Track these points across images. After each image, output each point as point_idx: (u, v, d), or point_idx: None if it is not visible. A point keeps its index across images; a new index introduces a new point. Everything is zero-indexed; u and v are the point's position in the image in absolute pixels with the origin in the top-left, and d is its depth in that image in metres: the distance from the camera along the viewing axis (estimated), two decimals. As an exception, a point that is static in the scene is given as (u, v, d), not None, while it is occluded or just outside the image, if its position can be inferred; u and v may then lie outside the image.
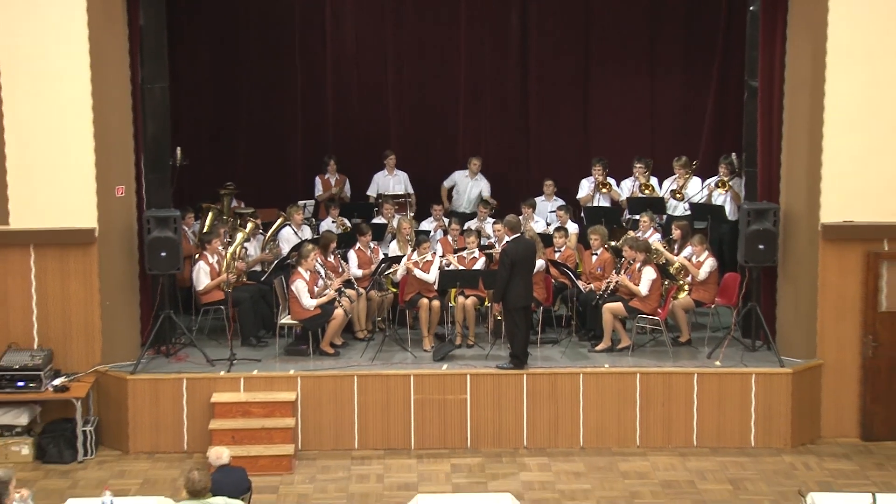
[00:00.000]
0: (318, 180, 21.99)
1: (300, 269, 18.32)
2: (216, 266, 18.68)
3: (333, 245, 19.29)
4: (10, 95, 17.17)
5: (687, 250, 18.94)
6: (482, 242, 19.54)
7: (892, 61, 17.34)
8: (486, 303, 18.61)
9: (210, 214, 20.43)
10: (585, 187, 21.31)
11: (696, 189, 20.83)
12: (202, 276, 18.62)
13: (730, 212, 20.01)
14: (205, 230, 19.92)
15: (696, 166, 21.06)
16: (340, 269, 19.08)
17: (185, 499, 13.26)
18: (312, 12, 22.54)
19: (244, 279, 19.06)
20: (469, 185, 21.85)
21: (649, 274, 18.28)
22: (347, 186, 22.07)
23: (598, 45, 22.64)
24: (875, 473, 16.70)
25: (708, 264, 18.72)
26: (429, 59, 22.90)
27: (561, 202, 21.02)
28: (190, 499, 13.25)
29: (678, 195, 20.59)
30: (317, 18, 22.66)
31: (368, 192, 21.98)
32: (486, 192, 21.77)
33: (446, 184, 21.96)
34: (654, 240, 19.32)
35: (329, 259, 19.07)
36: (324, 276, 18.56)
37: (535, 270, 18.31)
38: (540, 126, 22.92)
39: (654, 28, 22.42)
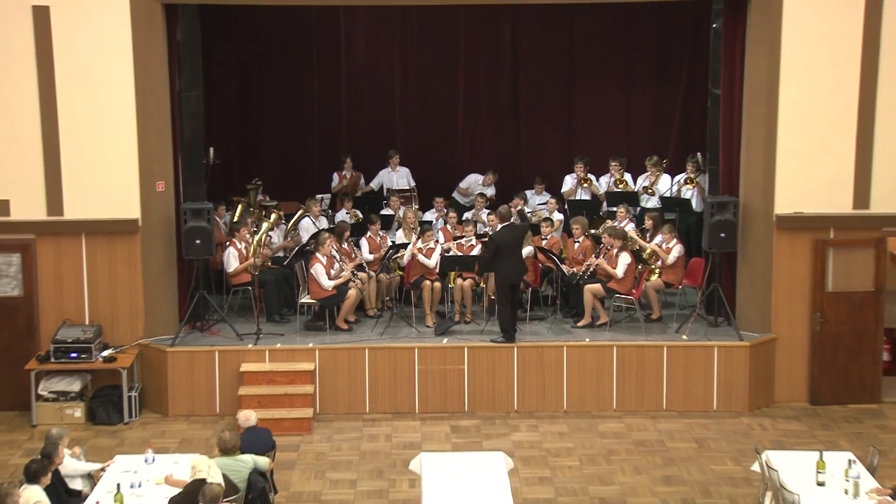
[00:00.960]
0: (335, 176, 21.92)
1: (318, 255, 18.36)
2: (244, 251, 18.69)
3: (347, 233, 19.33)
4: (65, 103, 17.21)
5: (658, 238, 18.95)
6: (478, 231, 19.65)
7: (836, 73, 17.37)
8: (481, 284, 18.67)
9: (239, 207, 20.43)
10: (569, 182, 21.28)
11: (665, 184, 20.80)
12: (232, 260, 18.64)
13: (696, 204, 19.96)
14: (234, 220, 19.98)
15: (666, 164, 21.03)
16: (353, 255, 19.12)
17: (218, 456, 13.39)
18: (328, 28, 22.49)
19: (269, 263, 19.09)
20: (471, 177, 21.98)
21: (625, 259, 18.33)
22: (362, 181, 22.06)
23: (580, 57, 22.61)
24: (822, 433, 16.79)
25: (676, 250, 18.76)
26: (431, 68, 22.83)
27: (548, 196, 21.04)
28: (222, 456, 13.37)
29: (649, 190, 20.59)
30: (332, 34, 22.62)
31: (371, 185, 21.96)
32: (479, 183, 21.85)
33: (463, 184, 21.94)
34: (630, 229, 19.32)
35: (343, 245, 19.12)
36: (339, 260, 18.66)
37: (525, 256, 18.39)
38: (529, 128, 22.88)
39: (630, 43, 22.35)
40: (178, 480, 12.94)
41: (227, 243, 18.98)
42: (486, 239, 18.64)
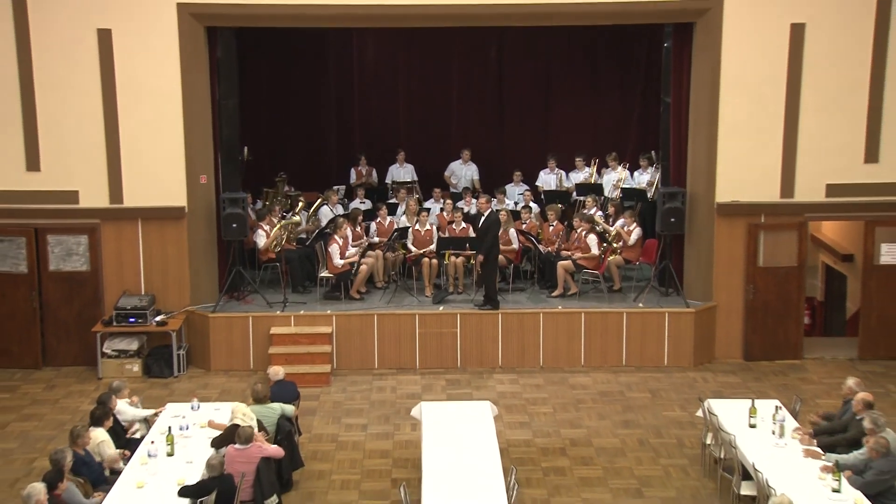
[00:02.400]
0: (353, 171, 21.85)
1: (335, 236, 18.37)
2: (269, 232, 18.71)
3: (360, 218, 19.41)
4: (124, 109, 17.28)
5: (620, 222, 18.96)
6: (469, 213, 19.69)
7: (766, 85, 17.42)
8: (471, 261, 18.66)
9: (269, 196, 20.55)
10: (542, 177, 21.41)
11: (622, 179, 20.83)
12: (260, 240, 18.64)
13: (650, 194, 20.02)
14: (262, 207, 20.04)
15: (627, 164, 21.04)
16: (364, 237, 19.23)
17: (252, 404, 13.50)
18: (343, 46, 22.43)
19: (294, 244, 19.17)
20: (463, 170, 21.81)
21: (593, 239, 18.46)
22: (374, 175, 22.08)
23: (554, 71, 22.54)
24: (754, 385, 16.87)
25: (636, 233, 18.77)
26: (429, 80, 22.77)
27: (526, 187, 21.07)
28: (255, 404, 13.46)
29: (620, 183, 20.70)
30: (346, 50, 22.56)
31: (386, 181, 21.90)
32: (475, 176, 21.77)
33: (447, 173, 21.91)
34: (598, 215, 19.39)
35: (357, 229, 19.20)
36: (352, 241, 18.75)
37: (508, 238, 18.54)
38: (511, 130, 22.75)
39: (596, 59, 22.28)
40: (219, 424, 13.02)
41: (256, 226, 18.98)
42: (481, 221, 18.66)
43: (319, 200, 20.32)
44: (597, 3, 17.17)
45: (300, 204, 20.00)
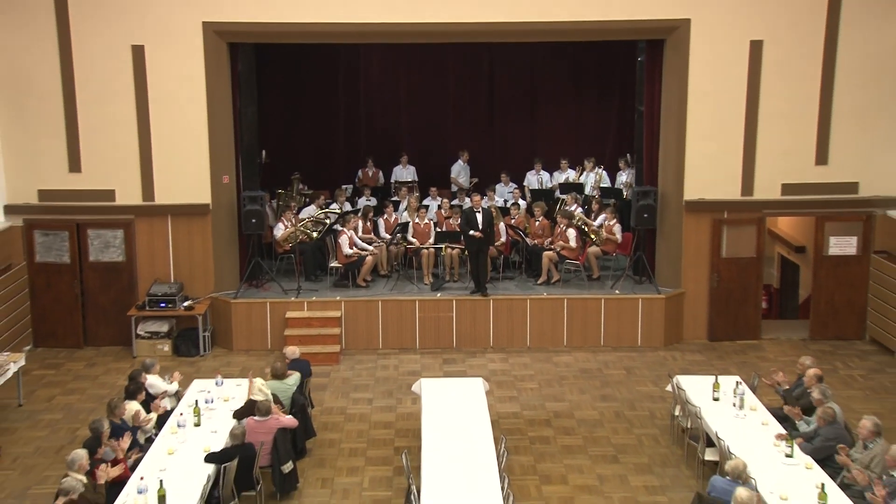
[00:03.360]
0: (360, 172, 21.88)
1: (344, 230, 18.44)
2: (287, 225, 18.76)
3: (371, 214, 19.39)
4: (155, 117, 17.30)
5: (601, 218, 18.97)
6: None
7: (728, 95, 17.40)
8: (465, 252, 18.65)
9: (284, 195, 20.55)
10: (528, 177, 21.33)
11: (601, 179, 20.77)
12: (279, 232, 18.68)
13: (626, 193, 19.94)
14: (280, 204, 20.05)
15: (602, 166, 21.05)
16: (372, 232, 19.22)
17: (270, 380, 13.55)
18: (351, 59, 22.30)
19: (307, 238, 19.12)
20: (464, 168, 21.83)
21: (572, 233, 18.46)
22: (381, 176, 22.04)
23: (540, 83, 22.40)
24: (717, 363, 16.89)
25: (618, 228, 18.83)
26: (428, 90, 22.60)
27: (514, 186, 21.05)
28: (273, 380, 13.53)
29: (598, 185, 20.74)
30: (354, 63, 22.45)
31: (390, 181, 21.86)
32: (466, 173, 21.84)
33: (453, 174, 21.78)
34: (578, 212, 19.38)
35: (367, 224, 19.20)
36: (361, 234, 18.74)
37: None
38: (501, 135, 22.64)
39: (577, 72, 22.15)
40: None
41: (277, 220, 19.04)
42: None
43: (322, 198, 20.29)
44: (578, 21, 17.11)
45: (320, 199, 20.01)
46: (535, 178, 21.18)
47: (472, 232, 17.63)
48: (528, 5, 17.06)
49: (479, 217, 17.77)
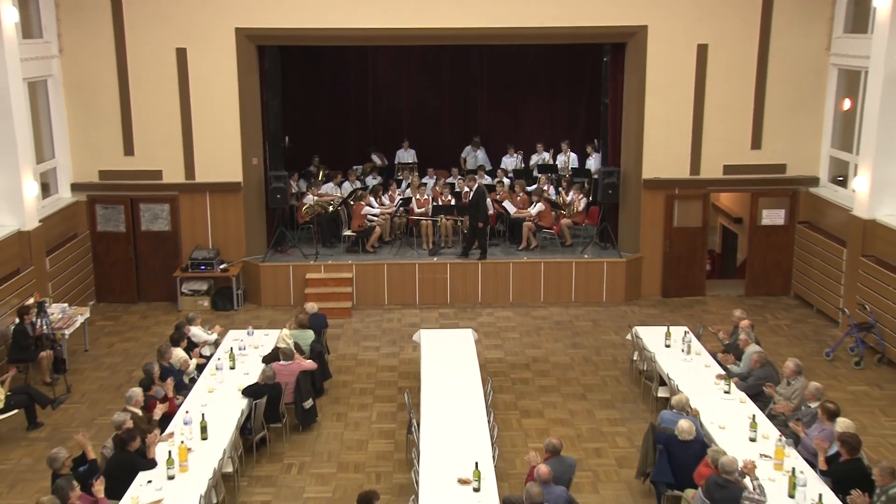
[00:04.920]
0: (374, 156, 21.86)
1: (362, 202, 18.35)
2: (313, 200, 18.65)
3: (380, 190, 19.27)
4: (196, 109, 17.24)
5: (571, 194, 18.87)
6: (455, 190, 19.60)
7: (678, 91, 17.29)
8: (457, 223, 18.59)
9: (315, 173, 20.53)
10: (504, 160, 21.29)
11: (571, 161, 20.72)
12: (309, 199, 18.66)
13: (595, 172, 19.83)
14: (310, 181, 20.03)
15: (572, 148, 21.01)
16: (379, 206, 19.12)
17: (292, 329, 13.54)
18: (360, 59, 22.13)
19: (325, 210, 19.00)
20: (474, 153, 21.69)
21: (539, 206, 18.49)
22: (385, 160, 22.00)
23: (521, 78, 22.14)
24: (669, 315, 16.86)
25: (583, 202, 18.77)
26: (426, 84, 22.45)
27: (519, 157, 21.33)
28: (295, 329, 13.53)
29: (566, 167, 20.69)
30: (363, 63, 22.27)
31: (394, 162, 21.75)
32: (483, 157, 21.68)
33: (463, 154, 21.77)
34: (550, 189, 19.36)
35: (380, 199, 19.04)
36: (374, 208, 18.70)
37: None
38: (488, 123, 22.48)
39: (553, 70, 21.99)
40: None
41: (307, 193, 19.08)
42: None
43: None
44: (552, 27, 17.00)
45: (337, 179, 20.06)
46: (511, 161, 21.19)
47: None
48: (510, 13, 16.94)
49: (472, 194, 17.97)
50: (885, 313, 14.52)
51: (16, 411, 12.24)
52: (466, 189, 19.13)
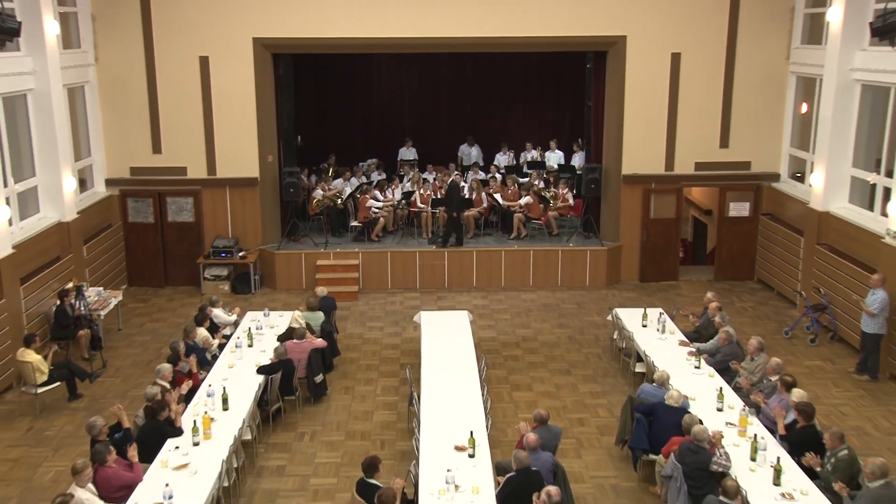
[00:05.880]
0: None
1: (367, 196, 18.37)
2: (322, 194, 18.62)
3: (384, 185, 19.19)
4: (217, 111, 17.24)
5: (560, 190, 18.86)
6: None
7: (654, 95, 17.27)
8: (454, 215, 18.60)
9: (326, 169, 20.53)
10: (497, 157, 21.30)
11: (558, 158, 20.73)
12: (318, 193, 18.63)
13: (579, 169, 19.84)
14: (320, 176, 20.01)
15: (559, 146, 21.02)
16: (382, 199, 19.13)
17: (304, 311, 13.56)
18: (365, 65, 22.15)
19: (333, 203, 19.01)
20: (468, 151, 21.68)
21: (527, 199, 18.46)
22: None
23: (511, 83, 22.17)
24: (646, 298, 16.86)
25: (570, 196, 18.80)
26: (424, 88, 22.41)
27: (510, 155, 21.29)
28: (307, 311, 13.55)
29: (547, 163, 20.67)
30: (367, 69, 22.27)
31: (397, 159, 21.73)
32: (476, 154, 21.62)
33: (459, 154, 21.74)
34: (539, 184, 19.32)
35: (384, 193, 19.01)
36: (379, 200, 18.70)
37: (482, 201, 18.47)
38: (482, 124, 22.41)
39: (540, 75, 21.97)
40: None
41: (316, 187, 19.02)
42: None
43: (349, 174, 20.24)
44: (540, 36, 16.98)
45: (347, 173, 19.96)
46: (504, 158, 21.16)
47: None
48: (501, 23, 16.92)
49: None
50: (837, 296, 14.57)
51: (58, 384, 12.30)
52: (464, 184, 19.20)
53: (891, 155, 13.66)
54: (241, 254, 17.53)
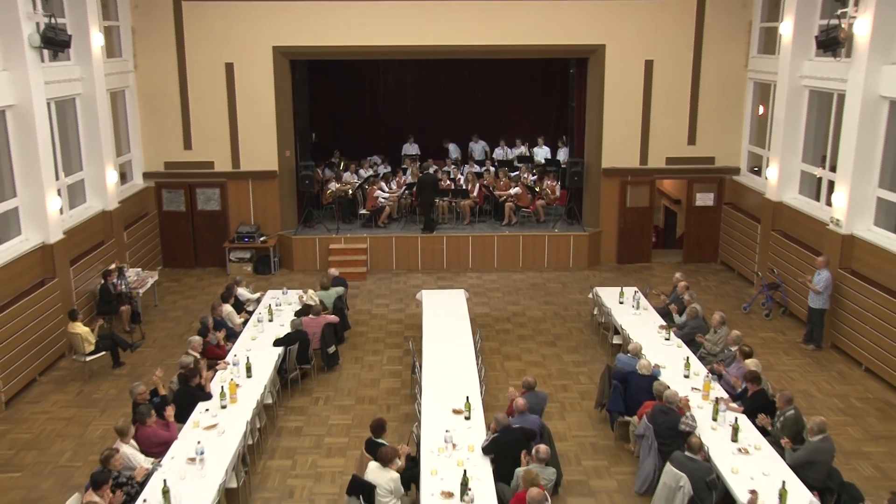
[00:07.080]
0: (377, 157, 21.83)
1: (375, 186, 18.34)
2: (336, 185, 18.56)
3: (390, 177, 19.14)
4: (241, 112, 17.09)
5: (546, 182, 18.83)
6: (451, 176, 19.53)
7: (630, 97, 17.20)
8: (452, 203, 18.54)
9: (337, 164, 20.44)
10: (495, 150, 21.17)
11: (545, 153, 20.63)
12: (332, 185, 18.56)
13: (564, 163, 19.78)
14: (334, 170, 19.91)
15: (546, 142, 20.95)
16: (388, 191, 19.09)
17: (319, 290, 13.58)
18: (373, 70, 21.94)
19: (344, 194, 18.94)
20: (475, 145, 21.46)
21: (515, 189, 18.35)
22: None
23: (504, 85, 22.00)
24: (622, 278, 16.82)
25: (557, 187, 18.70)
26: (427, 90, 22.18)
27: (484, 143, 21.15)
28: (321, 290, 13.55)
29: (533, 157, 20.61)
30: (375, 73, 22.05)
31: (401, 154, 21.65)
32: (486, 148, 21.39)
33: (469, 150, 21.50)
34: (527, 176, 19.30)
35: (390, 184, 18.97)
36: (386, 190, 18.66)
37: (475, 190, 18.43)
38: (478, 121, 22.29)
39: (529, 78, 21.72)
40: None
41: (331, 180, 18.92)
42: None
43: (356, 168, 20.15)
44: (528, 44, 16.93)
45: (352, 167, 19.82)
46: (501, 152, 21.11)
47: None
48: (495, 32, 16.86)
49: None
50: (788, 276, 14.63)
51: (103, 353, 12.35)
52: (460, 176, 19.16)
53: (834, 152, 13.69)
54: (262, 239, 17.49)
